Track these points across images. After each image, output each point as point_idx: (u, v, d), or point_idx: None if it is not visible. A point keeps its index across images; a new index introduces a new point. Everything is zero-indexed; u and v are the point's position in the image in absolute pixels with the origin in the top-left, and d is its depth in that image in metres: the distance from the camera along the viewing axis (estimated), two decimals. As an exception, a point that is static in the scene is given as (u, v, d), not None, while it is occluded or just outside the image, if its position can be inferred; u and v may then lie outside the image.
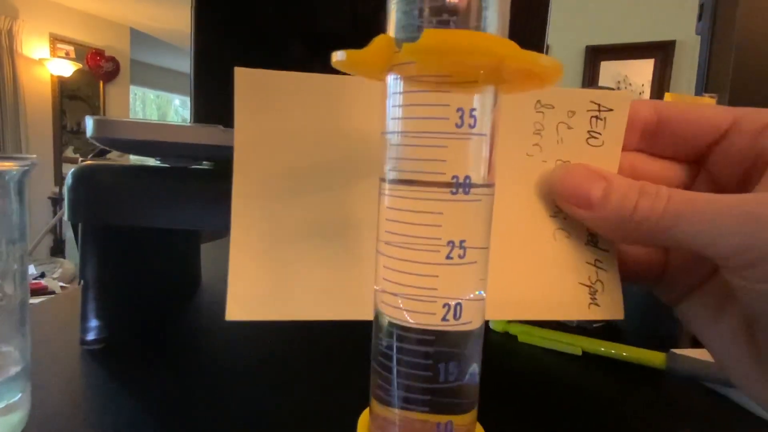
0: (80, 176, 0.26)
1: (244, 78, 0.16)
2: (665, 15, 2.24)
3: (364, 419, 0.16)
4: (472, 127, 0.12)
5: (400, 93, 0.12)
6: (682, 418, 0.25)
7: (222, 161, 0.28)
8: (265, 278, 0.17)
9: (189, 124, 0.25)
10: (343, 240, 0.17)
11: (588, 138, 0.19)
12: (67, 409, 0.22)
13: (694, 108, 0.19)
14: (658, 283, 0.20)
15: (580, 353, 0.31)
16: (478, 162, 0.12)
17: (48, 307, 0.37)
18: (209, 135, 0.23)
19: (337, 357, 0.28)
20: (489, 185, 0.13)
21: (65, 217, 0.27)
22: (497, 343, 0.32)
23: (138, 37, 3.95)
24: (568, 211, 0.18)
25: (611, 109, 0.18)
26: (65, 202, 0.26)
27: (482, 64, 0.12)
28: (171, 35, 4.01)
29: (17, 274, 0.19)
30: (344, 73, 0.14)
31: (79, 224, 0.28)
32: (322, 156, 0.17)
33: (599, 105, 0.18)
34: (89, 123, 0.23)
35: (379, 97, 0.13)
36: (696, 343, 0.28)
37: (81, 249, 0.28)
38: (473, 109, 0.12)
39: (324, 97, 0.17)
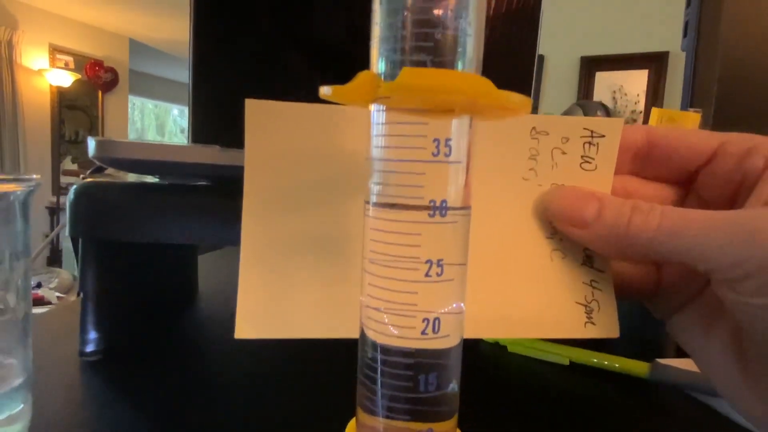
0: (82, 193, 0.27)
1: (254, 108, 0.17)
2: (658, 26, 2.27)
3: (351, 427, 0.17)
4: (447, 155, 0.13)
5: (382, 123, 0.14)
6: (666, 426, 0.25)
7: (219, 179, 0.29)
8: (274, 297, 0.17)
9: (188, 145, 0.26)
10: (350, 260, 0.18)
11: (582, 162, 0.19)
12: (67, 420, 0.22)
13: (683, 133, 0.19)
14: (651, 298, 0.21)
15: (567, 363, 0.31)
16: (454, 187, 0.13)
17: (47, 319, 0.37)
18: (208, 155, 0.24)
19: (327, 366, 0.29)
20: (465, 208, 0.14)
21: (66, 231, 0.27)
22: (487, 353, 0.33)
23: (137, 47, 3.98)
24: (564, 231, 0.19)
25: (603, 135, 0.19)
26: (67, 217, 0.27)
27: (456, 100, 0.13)
28: (170, 46, 4.04)
29: (21, 288, 0.20)
30: None
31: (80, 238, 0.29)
32: (327, 179, 0.18)
33: (592, 131, 0.19)
34: (91, 144, 0.24)
35: None
36: (681, 353, 0.28)
37: (81, 262, 0.29)
38: (449, 139, 0.13)
39: (327, 125, 0.18)
